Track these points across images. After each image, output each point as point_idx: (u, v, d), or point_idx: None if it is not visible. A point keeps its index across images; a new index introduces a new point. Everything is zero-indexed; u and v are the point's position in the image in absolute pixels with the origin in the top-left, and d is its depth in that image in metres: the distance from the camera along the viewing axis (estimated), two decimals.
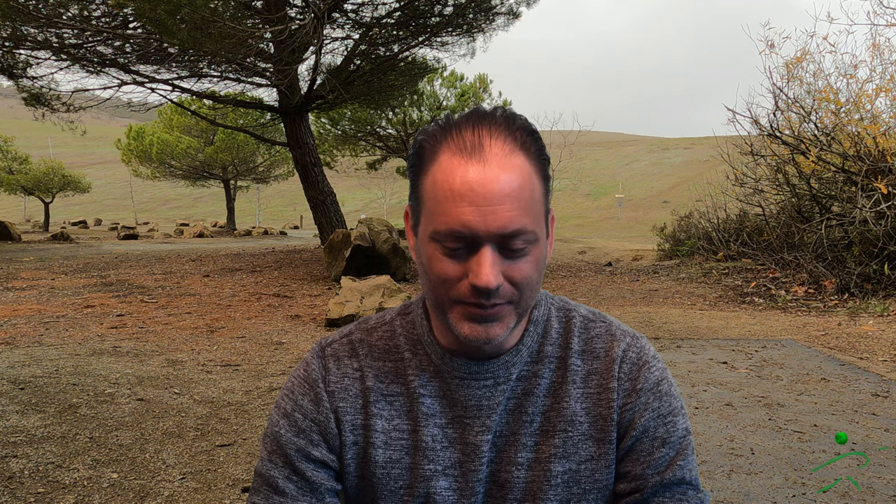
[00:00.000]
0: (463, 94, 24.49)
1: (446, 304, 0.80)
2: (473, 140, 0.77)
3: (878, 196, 8.04)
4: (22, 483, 2.83)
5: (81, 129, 12.88)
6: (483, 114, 0.80)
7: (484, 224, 0.74)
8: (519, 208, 0.75)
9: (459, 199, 0.75)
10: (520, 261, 0.78)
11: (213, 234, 31.06)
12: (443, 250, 0.77)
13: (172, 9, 8.66)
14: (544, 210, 0.82)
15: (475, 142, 0.76)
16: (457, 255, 0.77)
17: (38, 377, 4.49)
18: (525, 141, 0.79)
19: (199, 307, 8.04)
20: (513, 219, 0.75)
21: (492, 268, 0.75)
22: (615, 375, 0.88)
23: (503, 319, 0.80)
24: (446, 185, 0.76)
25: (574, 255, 14.73)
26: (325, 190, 13.24)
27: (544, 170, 0.81)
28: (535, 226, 0.78)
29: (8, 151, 34.58)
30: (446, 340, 0.88)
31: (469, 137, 0.77)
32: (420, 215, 0.81)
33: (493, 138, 0.77)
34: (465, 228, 0.75)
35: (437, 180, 0.77)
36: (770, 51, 10.13)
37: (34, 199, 37.67)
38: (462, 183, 0.75)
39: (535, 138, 0.80)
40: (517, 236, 0.76)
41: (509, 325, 0.81)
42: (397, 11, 12.87)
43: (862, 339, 5.93)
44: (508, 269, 0.77)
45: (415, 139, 0.82)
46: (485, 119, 0.79)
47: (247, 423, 3.73)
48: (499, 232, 0.75)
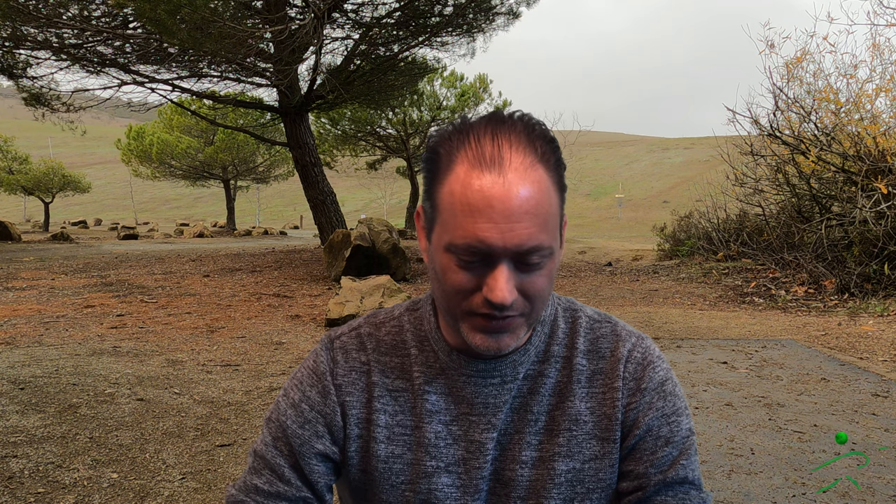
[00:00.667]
0: (463, 94, 24.49)
1: (458, 315, 0.80)
2: (493, 152, 0.75)
3: (878, 196, 8.04)
4: (22, 483, 2.83)
5: (81, 129, 12.88)
6: (501, 119, 0.78)
7: (501, 241, 0.73)
8: (537, 225, 0.74)
9: (477, 215, 0.73)
10: (534, 275, 0.77)
11: (213, 234, 31.06)
12: (458, 262, 0.77)
13: (172, 9, 8.66)
14: (560, 221, 0.81)
15: (494, 154, 0.75)
16: (471, 267, 0.77)
17: (38, 377, 4.49)
18: (545, 152, 0.77)
19: (199, 307, 8.04)
20: (531, 236, 0.74)
21: (507, 283, 0.75)
22: (620, 375, 0.88)
23: (515, 331, 0.80)
24: (464, 198, 0.74)
25: (574, 255, 14.73)
26: (325, 190, 13.24)
27: (561, 180, 0.80)
28: (551, 241, 0.77)
29: (8, 151, 34.57)
30: (454, 339, 0.88)
31: (488, 148, 0.75)
32: (434, 223, 0.80)
33: (512, 150, 0.75)
34: (482, 245, 0.74)
35: (454, 191, 0.76)
36: (770, 51, 10.13)
37: (34, 199, 37.67)
38: (480, 199, 0.73)
39: (554, 147, 0.79)
40: (534, 253, 0.75)
41: (520, 336, 0.81)
42: (397, 11, 12.87)
43: (862, 339, 5.93)
44: (523, 283, 0.77)
45: (429, 142, 0.81)
46: (504, 126, 0.77)
47: (247, 423, 3.73)
48: (516, 249, 0.74)
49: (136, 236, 27.69)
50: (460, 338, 0.85)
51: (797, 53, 10.89)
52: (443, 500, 0.87)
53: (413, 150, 26.28)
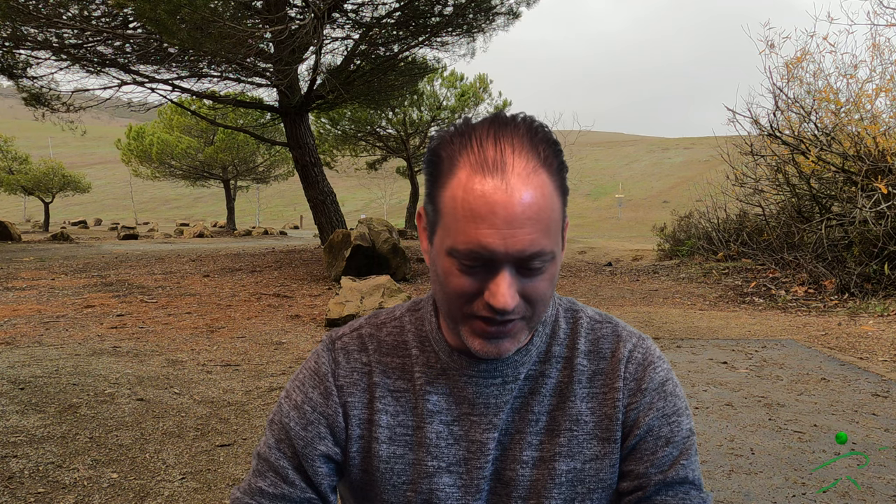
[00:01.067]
0: (463, 94, 24.50)
1: (459, 318, 0.80)
2: (495, 156, 0.74)
3: (878, 196, 8.04)
4: (22, 483, 2.83)
5: (81, 129, 12.88)
6: (504, 122, 0.77)
7: (504, 247, 0.73)
8: (539, 230, 0.74)
9: (480, 221, 0.73)
10: (536, 279, 0.77)
11: (213, 234, 31.06)
12: (459, 266, 0.77)
13: (172, 9, 8.66)
14: (561, 224, 0.81)
15: (497, 158, 0.74)
16: (473, 272, 0.77)
17: (38, 377, 4.49)
18: (547, 156, 0.77)
19: (199, 307, 8.04)
20: (533, 242, 0.74)
21: (509, 289, 0.75)
22: (621, 375, 0.89)
23: (515, 335, 0.80)
24: (466, 204, 0.74)
25: (574, 255, 14.73)
26: (325, 190, 13.24)
27: (563, 183, 0.80)
28: (553, 245, 0.77)
29: (8, 151, 34.57)
30: (455, 339, 0.88)
31: (490, 152, 0.75)
32: (436, 226, 0.80)
33: (515, 154, 0.75)
34: (484, 250, 0.74)
35: (456, 197, 0.75)
36: (770, 51, 10.13)
37: (34, 199, 37.66)
38: (483, 204, 0.73)
39: (557, 151, 0.79)
40: (536, 258, 0.75)
41: (520, 340, 0.82)
42: (397, 11, 12.87)
43: (862, 339, 5.93)
44: (525, 287, 0.77)
45: (430, 144, 0.81)
46: (506, 130, 0.76)
47: (247, 423, 3.73)
48: (518, 255, 0.74)
49: (136, 236, 27.70)
50: (461, 339, 0.86)
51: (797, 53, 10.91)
52: (444, 499, 0.87)
53: (413, 150, 26.29)
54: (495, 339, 0.79)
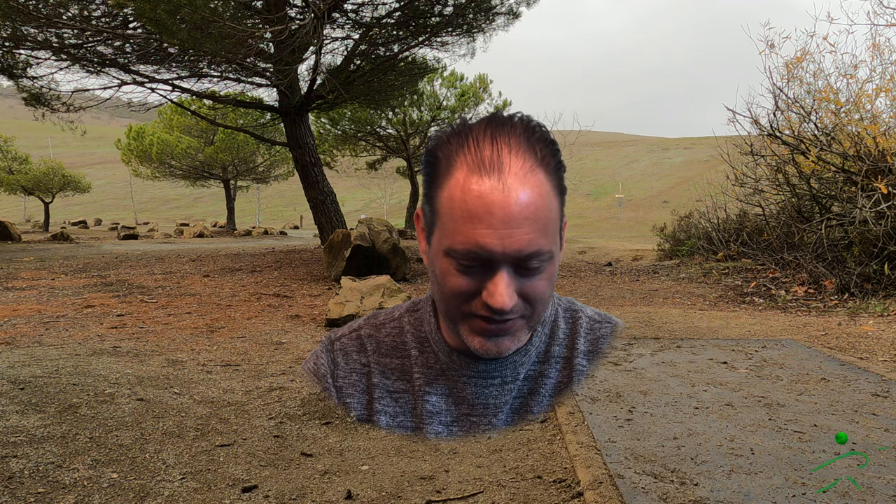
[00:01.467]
0: (463, 94, 24.49)
1: (458, 318, 0.80)
2: (492, 156, 0.74)
3: (878, 196, 8.04)
4: (22, 483, 2.83)
5: (81, 129, 12.89)
6: (501, 122, 0.77)
7: (501, 247, 0.73)
8: (536, 230, 0.74)
9: (477, 221, 0.73)
10: (535, 278, 0.77)
11: (213, 234, 31.05)
12: (457, 266, 0.77)
13: (172, 9, 8.66)
14: (559, 224, 0.80)
15: (493, 158, 0.74)
16: (471, 272, 0.76)
17: (38, 377, 4.49)
18: (545, 155, 0.77)
19: (199, 307, 8.04)
20: (530, 242, 0.74)
21: (507, 289, 0.75)
22: None
23: (515, 334, 0.80)
24: (464, 204, 0.74)
25: (574, 255, 14.73)
26: (325, 190, 13.24)
27: (561, 182, 0.80)
28: (551, 245, 0.77)
29: (8, 151, 34.56)
30: (454, 340, 0.88)
31: (487, 152, 0.74)
32: (434, 226, 0.80)
33: (512, 154, 0.74)
34: (481, 250, 0.74)
35: (453, 197, 0.75)
36: (770, 51, 10.13)
37: (34, 199, 37.65)
38: (480, 205, 0.73)
39: (554, 150, 0.78)
40: (533, 258, 0.75)
41: (520, 339, 0.82)
42: (397, 11, 12.88)
43: (862, 339, 5.93)
44: (523, 287, 0.77)
45: (428, 144, 0.80)
46: (503, 130, 0.76)
47: (247, 423, 3.73)
48: (515, 255, 0.74)
49: (136, 236, 27.69)
50: (460, 339, 0.85)
51: (797, 53, 10.88)
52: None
53: (413, 150, 26.29)
54: (495, 337, 0.79)
